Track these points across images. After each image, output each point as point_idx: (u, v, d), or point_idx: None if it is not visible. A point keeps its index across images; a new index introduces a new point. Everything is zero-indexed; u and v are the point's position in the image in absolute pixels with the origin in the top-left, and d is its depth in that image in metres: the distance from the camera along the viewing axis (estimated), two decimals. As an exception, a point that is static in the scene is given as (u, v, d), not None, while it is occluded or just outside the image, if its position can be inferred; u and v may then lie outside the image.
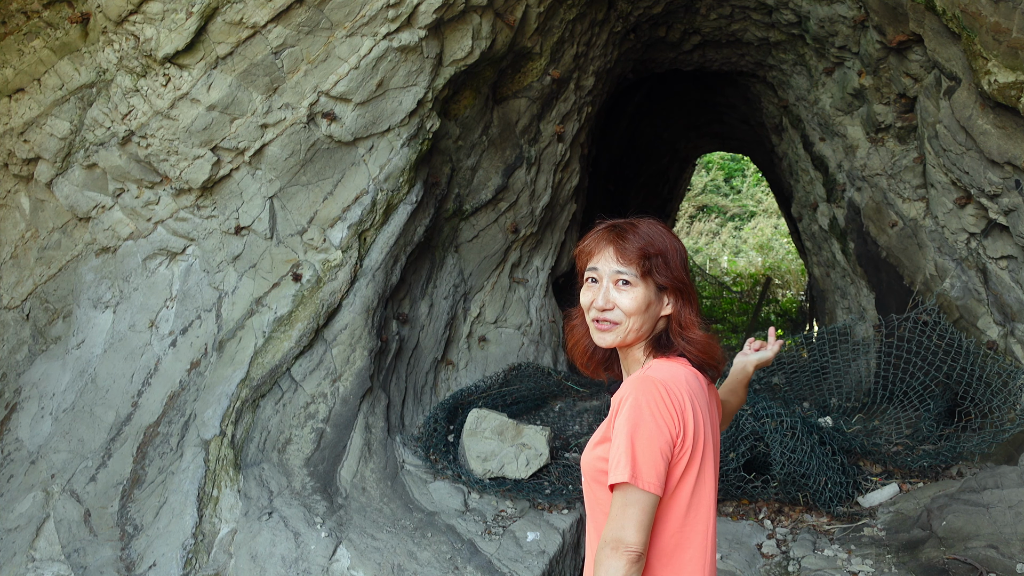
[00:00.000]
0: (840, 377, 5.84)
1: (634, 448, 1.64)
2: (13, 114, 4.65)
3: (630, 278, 1.78)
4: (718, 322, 15.68)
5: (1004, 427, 4.41)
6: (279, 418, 4.38)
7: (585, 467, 1.80)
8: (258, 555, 3.79)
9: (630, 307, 1.77)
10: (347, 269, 4.57)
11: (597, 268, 1.81)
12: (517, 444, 4.67)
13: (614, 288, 1.78)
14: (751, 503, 4.70)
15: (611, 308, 1.78)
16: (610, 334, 1.80)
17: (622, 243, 1.79)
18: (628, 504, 1.63)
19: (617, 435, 1.67)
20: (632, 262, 1.78)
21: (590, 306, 1.82)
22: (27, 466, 4.39)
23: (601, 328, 1.80)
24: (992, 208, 4.49)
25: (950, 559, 3.70)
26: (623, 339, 1.80)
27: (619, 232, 1.82)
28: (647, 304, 1.79)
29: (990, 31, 3.88)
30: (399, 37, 4.37)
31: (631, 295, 1.77)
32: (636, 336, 1.80)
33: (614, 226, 1.84)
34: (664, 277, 1.79)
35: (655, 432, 1.66)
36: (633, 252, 1.78)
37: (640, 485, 1.62)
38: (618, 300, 1.78)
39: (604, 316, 1.79)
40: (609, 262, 1.79)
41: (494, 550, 4.01)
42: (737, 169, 21.34)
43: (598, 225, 1.88)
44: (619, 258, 1.78)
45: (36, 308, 4.92)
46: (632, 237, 1.80)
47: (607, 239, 1.82)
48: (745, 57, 7.38)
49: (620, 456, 1.65)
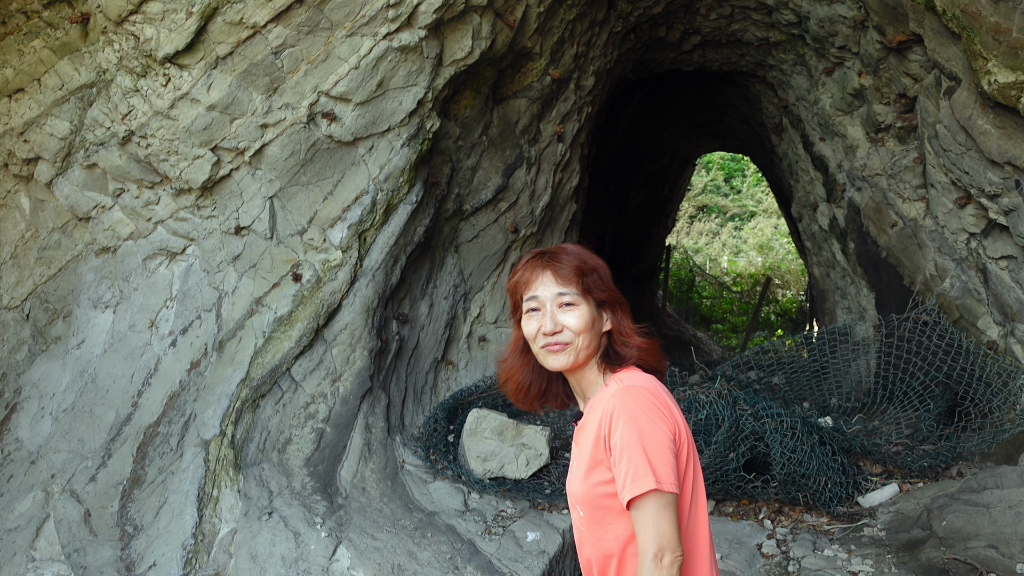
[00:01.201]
0: (840, 377, 5.84)
1: (648, 454, 1.66)
2: (13, 114, 4.65)
3: (572, 298, 1.80)
4: (718, 322, 15.68)
5: (1004, 427, 4.41)
6: (279, 418, 4.38)
7: (582, 497, 1.79)
8: (258, 555, 3.79)
9: (578, 325, 1.79)
10: (347, 269, 4.57)
11: (537, 296, 1.82)
12: (517, 444, 4.67)
13: (559, 311, 1.80)
14: (751, 503, 4.70)
15: (560, 330, 1.79)
16: (562, 355, 1.80)
17: (558, 265, 1.81)
18: (660, 509, 1.65)
19: (624, 449, 1.67)
20: (571, 281, 1.80)
21: (536, 334, 1.82)
22: (27, 466, 4.39)
23: (553, 351, 1.80)
24: (992, 208, 4.49)
25: (950, 559, 3.70)
26: (575, 359, 1.80)
27: (551, 256, 1.84)
28: (592, 321, 1.81)
29: (990, 31, 3.88)
30: (399, 37, 4.37)
31: (577, 313, 1.79)
32: (587, 354, 1.81)
33: (542, 253, 1.87)
34: (602, 292, 1.82)
35: (659, 434, 1.69)
36: (570, 272, 1.80)
37: (665, 488, 1.65)
38: (565, 321, 1.79)
39: (555, 339, 1.79)
40: (549, 286, 1.81)
41: (494, 550, 4.01)
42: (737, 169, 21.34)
43: (523, 258, 1.90)
44: (558, 280, 1.80)
45: (36, 308, 4.92)
46: (565, 258, 1.83)
47: (541, 265, 1.84)
48: (745, 57, 7.38)
49: (636, 467, 1.65)
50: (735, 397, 4.66)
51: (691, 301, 16.17)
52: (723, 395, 4.69)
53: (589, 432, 1.78)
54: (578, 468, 1.82)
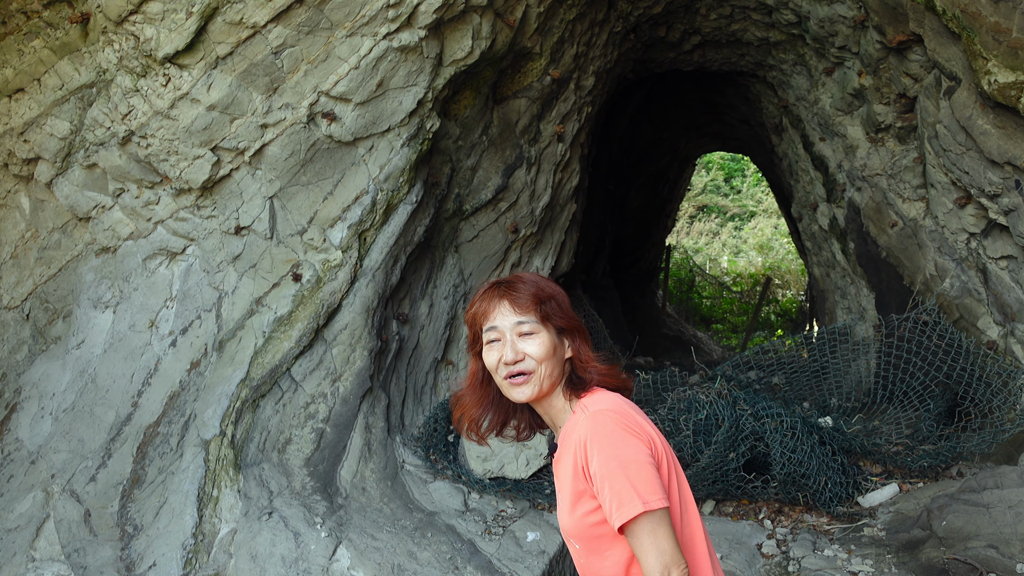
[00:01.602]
0: (840, 377, 5.84)
1: (628, 477, 1.64)
2: (13, 114, 4.65)
3: (532, 326, 1.78)
4: (718, 322, 15.68)
5: (1004, 427, 4.41)
6: (279, 418, 4.38)
7: (574, 531, 1.77)
8: (258, 555, 3.79)
9: (539, 353, 1.77)
10: (347, 269, 4.57)
11: (496, 326, 1.80)
12: (517, 444, 4.67)
13: (519, 339, 1.78)
14: (751, 503, 4.70)
15: (521, 358, 1.77)
16: (527, 386, 1.78)
17: (514, 294, 1.80)
18: (655, 528, 1.64)
19: (604, 478, 1.66)
20: (529, 310, 1.78)
21: (498, 364, 1.79)
22: (27, 466, 4.39)
23: (516, 383, 1.78)
24: (992, 208, 4.49)
25: (950, 559, 3.70)
26: (539, 388, 1.78)
27: (508, 286, 1.83)
28: (553, 348, 1.79)
29: (990, 31, 3.88)
30: (399, 37, 4.37)
31: (538, 341, 1.78)
32: (551, 383, 1.79)
33: (498, 283, 1.85)
34: (561, 319, 1.81)
35: (635, 452, 1.67)
36: (527, 300, 1.79)
37: (654, 507, 1.64)
38: (527, 349, 1.77)
39: (517, 368, 1.77)
40: (507, 316, 1.79)
41: (494, 550, 4.01)
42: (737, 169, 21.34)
43: (479, 290, 1.88)
44: (515, 309, 1.79)
45: (36, 308, 4.92)
46: (521, 287, 1.81)
47: (498, 295, 1.82)
48: (745, 57, 7.38)
49: (620, 493, 1.64)
50: (735, 397, 4.66)
51: (691, 301, 16.18)
52: (723, 395, 4.69)
53: (566, 464, 1.77)
54: (563, 501, 1.80)
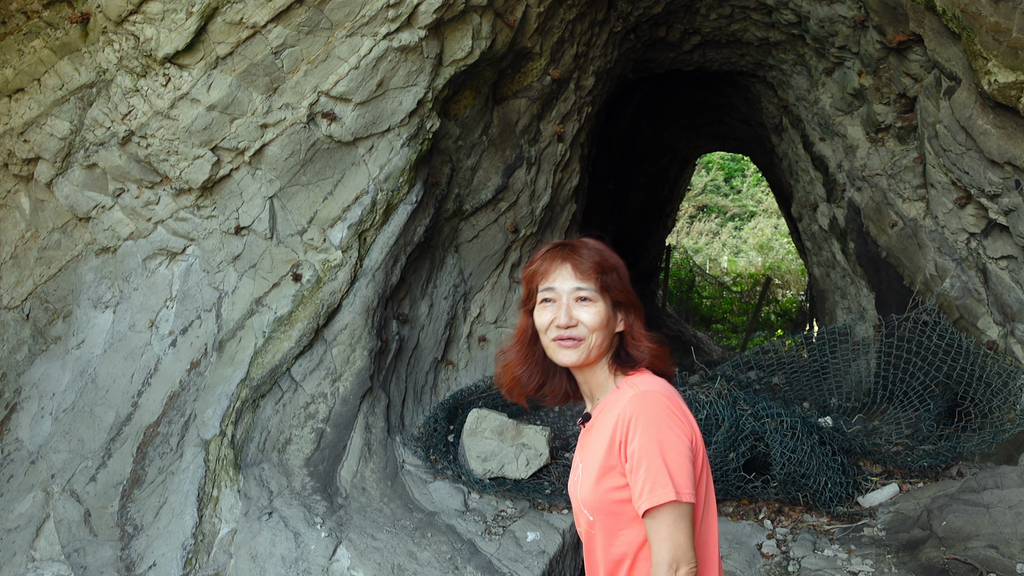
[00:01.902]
0: (840, 377, 5.84)
1: (667, 463, 1.63)
2: (13, 114, 4.65)
3: (590, 294, 1.76)
4: (718, 322, 15.68)
5: (1004, 427, 4.41)
6: (279, 418, 4.38)
7: (593, 503, 1.74)
8: (258, 555, 3.79)
9: (593, 322, 1.75)
10: (347, 269, 4.57)
11: (554, 287, 1.78)
12: (517, 444, 4.67)
13: (575, 305, 1.76)
14: (751, 503, 4.70)
15: (574, 324, 1.75)
16: (575, 351, 1.76)
17: (578, 259, 1.77)
18: (677, 520, 1.62)
19: (642, 458, 1.64)
20: (590, 277, 1.76)
21: (549, 325, 1.77)
22: (27, 466, 4.39)
23: (565, 345, 1.76)
24: (992, 208, 4.49)
25: (950, 559, 3.70)
26: (587, 356, 1.77)
27: (572, 249, 1.80)
28: (607, 320, 1.77)
29: (990, 31, 3.88)
30: (399, 37, 4.37)
31: (593, 310, 1.75)
32: (598, 353, 1.78)
33: (563, 245, 1.83)
34: (619, 292, 1.79)
35: (678, 443, 1.66)
36: (590, 268, 1.76)
37: (683, 499, 1.62)
38: (581, 316, 1.75)
39: (568, 333, 1.75)
40: (567, 279, 1.77)
41: (494, 550, 4.01)
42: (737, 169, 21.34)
43: (543, 246, 1.86)
44: (577, 274, 1.76)
45: (36, 308, 4.92)
46: (586, 253, 1.78)
47: (561, 257, 1.79)
48: (745, 57, 7.38)
49: (655, 476, 1.62)
50: (735, 397, 4.67)
51: (691, 301, 16.18)
52: (723, 395, 4.69)
53: (601, 436, 1.75)
54: (587, 473, 1.77)
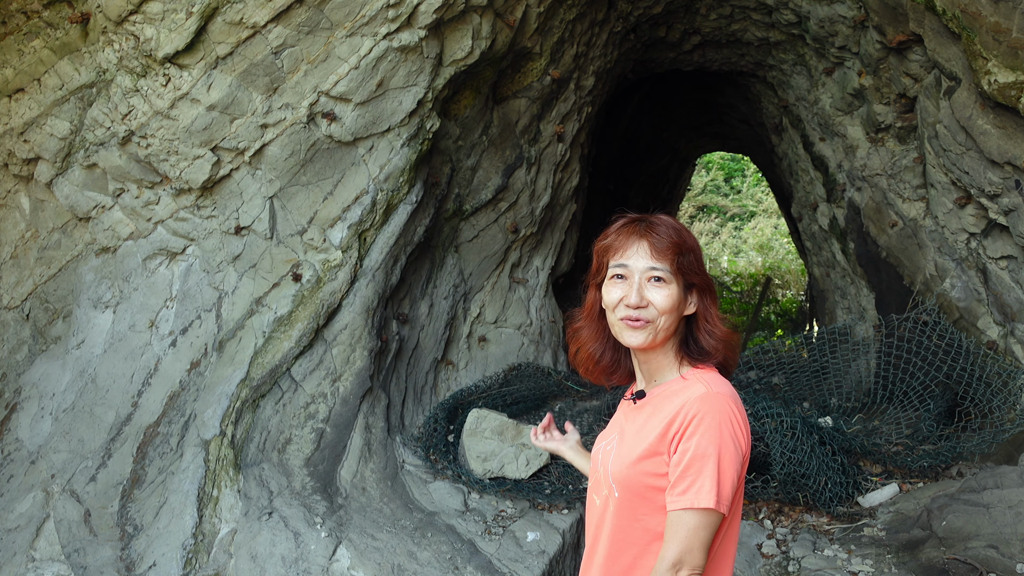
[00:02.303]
0: (840, 377, 5.84)
1: (719, 471, 1.59)
2: (13, 114, 4.65)
3: (664, 274, 1.69)
4: (718, 322, 15.67)
5: (1004, 427, 4.41)
6: (279, 418, 4.38)
7: (626, 479, 1.70)
8: (258, 555, 3.79)
9: (665, 305, 1.68)
10: (347, 269, 4.57)
11: (627, 264, 1.71)
12: (517, 444, 4.67)
13: (648, 284, 1.69)
14: (751, 503, 4.70)
15: (645, 305, 1.68)
16: (643, 332, 1.69)
17: (656, 238, 1.70)
18: (701, 527, 1.59)
19: (697, 457, 1.60)
20: (667, 258, 1.69)
21: (618, 303, 1.71)
22: (27, 466, 4.39)
23: (632, 326, 1.70)
24: (992, 208, 4.49)
25: (950, 559, 3.70)
26: (654, 339, 1.70)
27: (650, 226, 1.72)
28: (679, 303, 1.71)
29: (990, 31, 3.88)
30: (399, 37, 4.37)
31: (666, 292, 1.69)
32: (665, 336, 1.72)
33: (641, 220, 1.75)
34: (695, 275, 1.72)
35: (735, 455, 1.63)
36: (667, 247, 1.69)
37: (721, 509, 1.60)
38: (653, 297, 1.68)
39: (637, 314, 1.69)
40: (642, 258, 1.70)
41: (494, 550, 4.01)
42: (737, 169, 21.34)
43: (618, 219, 1.80)
44: (653, 254, 1.69)
45: (36, 308, 4.92)
46: (664, 233, 1.70)
47: (638, 233, 1.72)
48: (745, 57, 7.38)
49: (704, 479, 1.59)
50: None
51: (691, 301, 16.15)
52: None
53: (655, 420, 1.70)
54: (627, 448, 1.72)
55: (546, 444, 2.29)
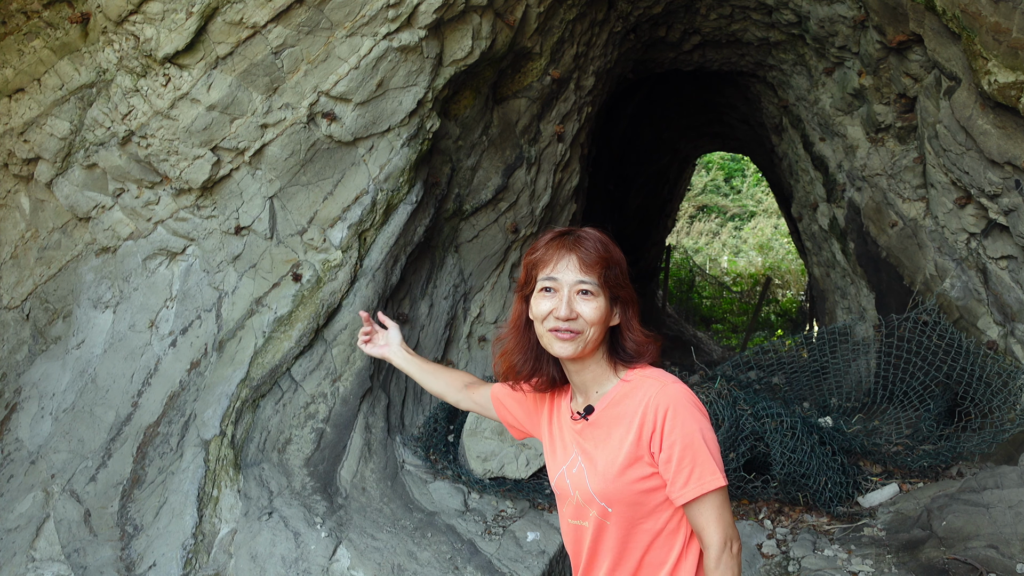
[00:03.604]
0: (840, 377, 5.84)
1: (710, 450, 1.69)
2: (13, 114, 4.65)
3: (592, 288, 1.74)
4: (718, 322, 15.68)
5: (1004, 427, 4.41)
6: (279, 418, 4.38)
7: (615, 494, 1.73)
8: (258, 555, 3.79)
9: (593, 317, 1.74)
10: (347, 269, 4.57)
11: (556, 278, 1.76)
12: (517, 444, 4.67)
13: (576, 297, 1.74)
14: (751, 503, 4.70)
15: (574, 318, 1.73)
16: (571, 344, 1.75)
17: (583, 252, 1.75)
18: (723, 503, 1.70)
19: (686, 447, 1.68)
20: (594, 271, 1.74)
21: (547, 315, 1.76)
22: (27, 466, 4.39)
23: (562, 338, 1.75)
24: (992, 208, 4.49)
25: (950, 559, 3.70)
26: (583, 349, 1.76)
27: (578, 240, 1.77)
28: (606, 314, 1.77)
29: (990, 31, 3.88)
30: (399, 37, 4.37)
31: (594, 304, 1.74)
32: (593, 346, 1.78)
33: (567, 233, 1.80)
34: (620, 288, 1.78)
35: (711, 430, 1.74)
36: (595, 261, 1.75)
37: (725, 483, 1.71)
38: (581, 310, 1.74)
39: (567, 326, 1.74)
40: (571, 272, 1.75)
41: (494, 550, 4.01)
42: (737, 169, 21.34)
43: (546, 234, 1.84)
44: (581, 267, 1.74)
45: (36, 308, 4.92)
46: (592, 247, 1.76)
47: (567, 247, 1.77)
48: (745, 57, 7.38)
49: (703, 464, 1.68)
50: (735, 397, 4.66)
51: (691, 301, 16.18)
52: (723, 395, 4.69)
53: (620, 429, 1.74)
54: (604, 465, 1.75)
55: (371, 351, 2.34)
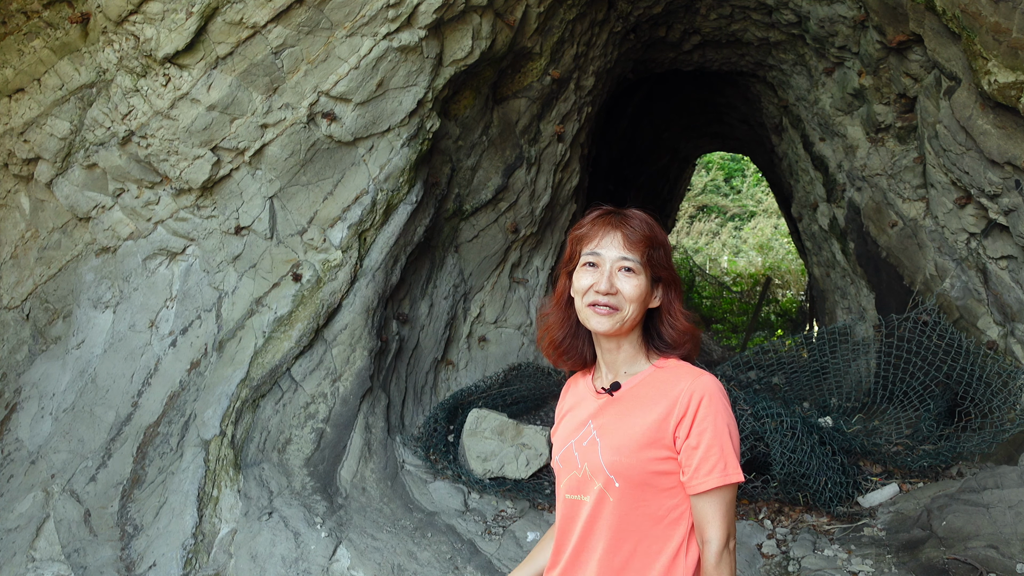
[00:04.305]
0: (840, 377, 5.84)
1: (735, 446, 1.71)
2: (13, 114, 4.65)
3: (634, 265, 1.76)
4: (718, 322, 15.68)
5: (1004, 427, 4.41)
6: (279, 418, 4.38)
7: (628, 470, 1.73)
8: (258, 555, 3.79)
9: (633, 294, 1.75)
10: (347, 269, 4.57)
11: (600, 253, 1.78)
12: (517, 444, 4.67)
13: (618, 274, 1.76)
14: (751, 503, 4.70)
15: (614, 293, 1.75)
16: (609, 319, 1.76)
17: (629, 229, 1.77)
18: (732, 500, 1.71)
19: (715, 436, 1.69)
20: (638, 249, 1.76)
21: (588, 290, 1.77)
22: (27, 466, 4.39)
23: (600, 312, 1.76)
24: (992, 208, 4.49)
25: (950, 559, 3.70)
26: (621, 326, 1.77)
27: (623, 219, 1.80)
28: (646, 293, 1.78)
29: (990, 31, 3.88)
30: (399, 37, 4.37)
31: (635, 282, 1.76)
32: (631, 324, 1.79)
33: (616, 212, 1.82)
34: (663, 269, 1.80)
35: (736, 427, 1.75)
36: (639, 240, 1.76)
37: (743, 479, 1.72)
38: (622, 286, 1.75)
39: (606, 301, 1.75)
40: (615, 248, 1.77)
41: (494, 550, 4.01)
42: (737, 169, 21.34)
43: (593, 210, 1.86)
44: (626, 244, 1.76)
45: (36, 308, 4.92)
46: (637, 225, 1.78)
47: (612, 224, 1.79)
48: (745, 57, 7.38)
49: (727, 457, 1.69)
50: (735, 397, 4.66)
51: (691, 301, 16.18)
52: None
53: (645, 409, 1.75)
54: (620, 440, 1.75)
55: None
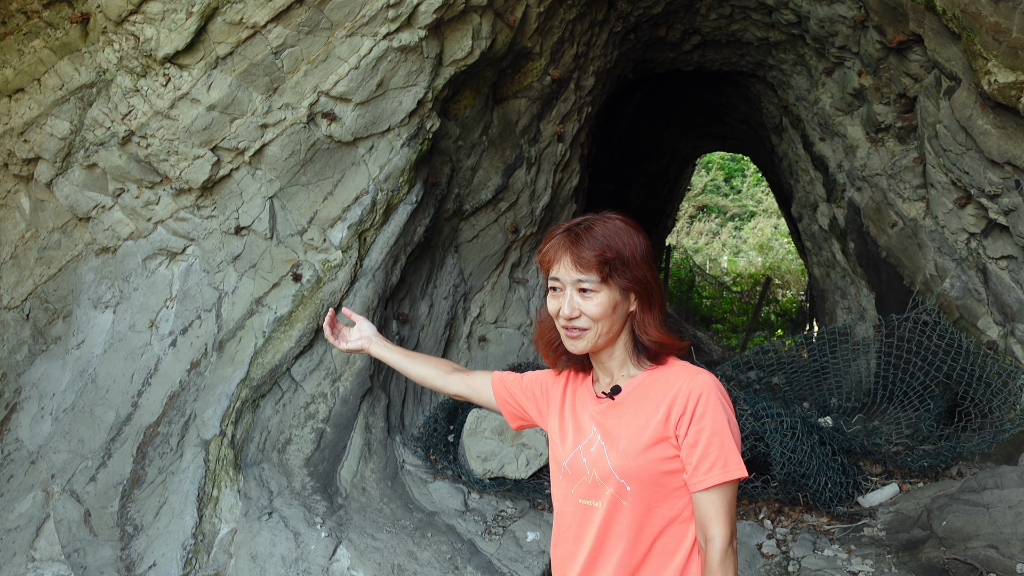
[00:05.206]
0: (840, 377, 5.84)
1: (736, 443, 1.71)
2: (13, 114, 4.65)
3: (591, 285, 1.74)
4: (718, 322, 15.68)
5: (1004, 427, 4.41)
6: (279, 418, 4.38)
7: (637, 471, 1.73)
8: (258, 555, 3.79)
9: (596, 313, 1.74)
10: (347, 269, 4.57)
11: (558, 278, 1.78)
12: (517, 444, 4.67)
13: (578, 295, 1.76)
14: (751, 503, 4.70)
15: (577, 316, 1.75)
16: (581, 341, 1.78)
17: (577, 250, 1.74)
18: (734, 498, 1.71)
19: (715, 433, 1.69)
20: (591, 268, 1.73)
21: (557, 314, 1.79)
22: (27, 466, 4.39)
23: (572, 336, 1.78)
24: (992, 208, 4.49)
25: (950, 559, 3.70)
26: (594, 344, 1.78)
27: (574, 238, 1.76)
28: (613, 307, 1.75)
29: (990, 31, 3.88)
30: (399, 37, 4.37)
31: (595, 301, 1.74)
32: (607, 339, 1.78)
33: (570, 230, 1.79)
34: (624, 279, 1.75)
35: (736, 424, 1.75)
36: (590, 259, 1.73)
37: (746, 474, 1.72)
38: (583, 307, 1.75)
39: (572, 324, 1.77)
40: (568, 271, 1.75)
41: (494, 550, 4.01)
42: (737, 169, 21.35)
43: (554, 231, 1.84)
44: (577, 266, 1.74)
45: (36, 308, 4.92)
46: (588, 242, 1.74)
47: (564, 246, 1.77)
48: (745, 57, 7.38)
49: (729, 453, 1.69)
50: (735, 397, 4.66)
51: (691, 301, 16.18)
52: (723, 395, 4.68)
53: (647, 409, 1.75)
54: (627, 443, 1.75)
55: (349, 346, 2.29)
